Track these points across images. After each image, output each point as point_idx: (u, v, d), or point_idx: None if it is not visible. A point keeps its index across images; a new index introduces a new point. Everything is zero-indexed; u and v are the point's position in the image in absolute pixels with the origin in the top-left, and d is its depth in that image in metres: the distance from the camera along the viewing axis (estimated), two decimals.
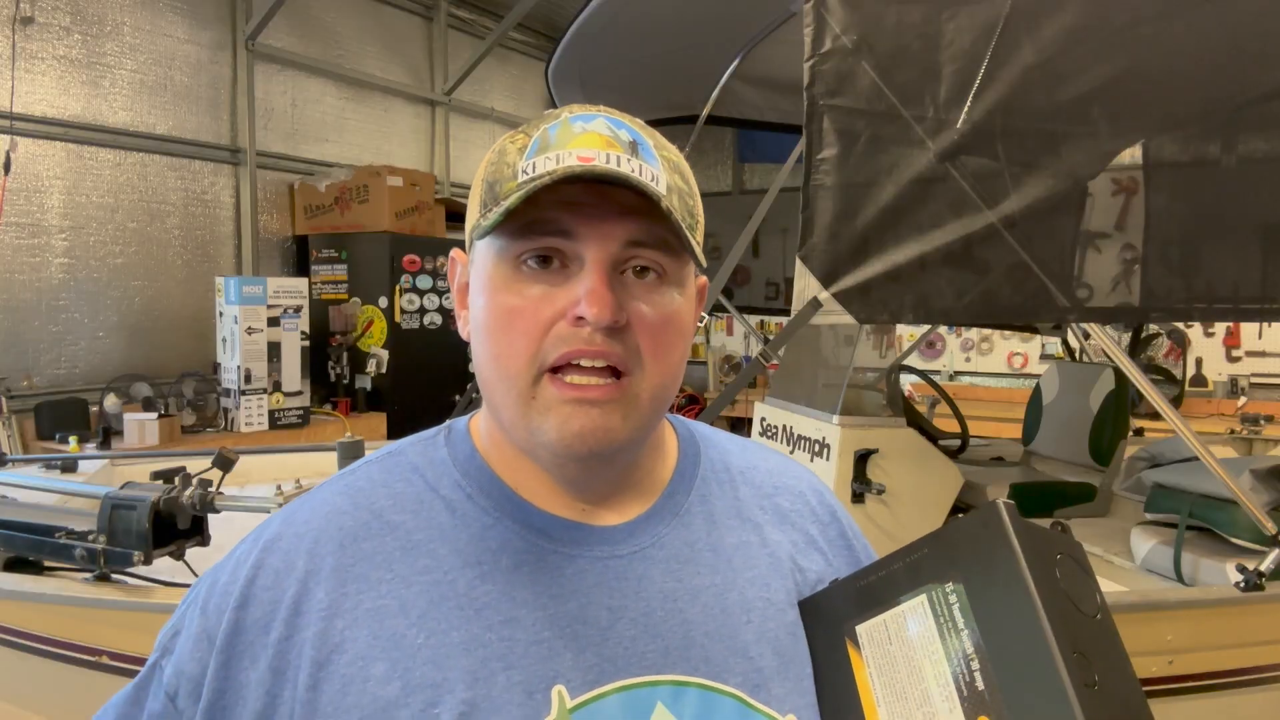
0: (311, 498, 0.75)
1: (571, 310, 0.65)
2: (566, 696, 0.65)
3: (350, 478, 0.76)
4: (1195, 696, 2.10)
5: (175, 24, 5.53)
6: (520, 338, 0.66)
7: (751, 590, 0.74)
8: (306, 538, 0.71)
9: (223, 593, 0.70)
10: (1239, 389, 6.70)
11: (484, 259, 0.69)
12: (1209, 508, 2.53)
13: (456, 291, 0.77)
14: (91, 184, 5.13)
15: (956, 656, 0.62)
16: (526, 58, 8.46)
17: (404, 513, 0.72)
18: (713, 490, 0.79)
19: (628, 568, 0.71)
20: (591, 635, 0.67)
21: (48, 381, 4.94)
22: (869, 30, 1.93)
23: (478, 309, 0.70)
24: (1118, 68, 1.97)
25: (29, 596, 2.01)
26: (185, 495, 2.01)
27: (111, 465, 3.24)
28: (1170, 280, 2.10)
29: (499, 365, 0.68)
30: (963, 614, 0.63)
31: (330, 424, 5.54)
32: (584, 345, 0.64)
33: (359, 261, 6.15)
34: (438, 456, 0.76)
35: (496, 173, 0.68)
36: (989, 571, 0.63)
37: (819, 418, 2.80)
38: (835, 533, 0.83)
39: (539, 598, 0.68)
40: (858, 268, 1.94)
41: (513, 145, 0.69)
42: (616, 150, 0.65)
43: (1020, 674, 0.59)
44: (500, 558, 0.69)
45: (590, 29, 3.24)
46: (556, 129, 0.67)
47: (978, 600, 0.63)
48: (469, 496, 0.72)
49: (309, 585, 0.68)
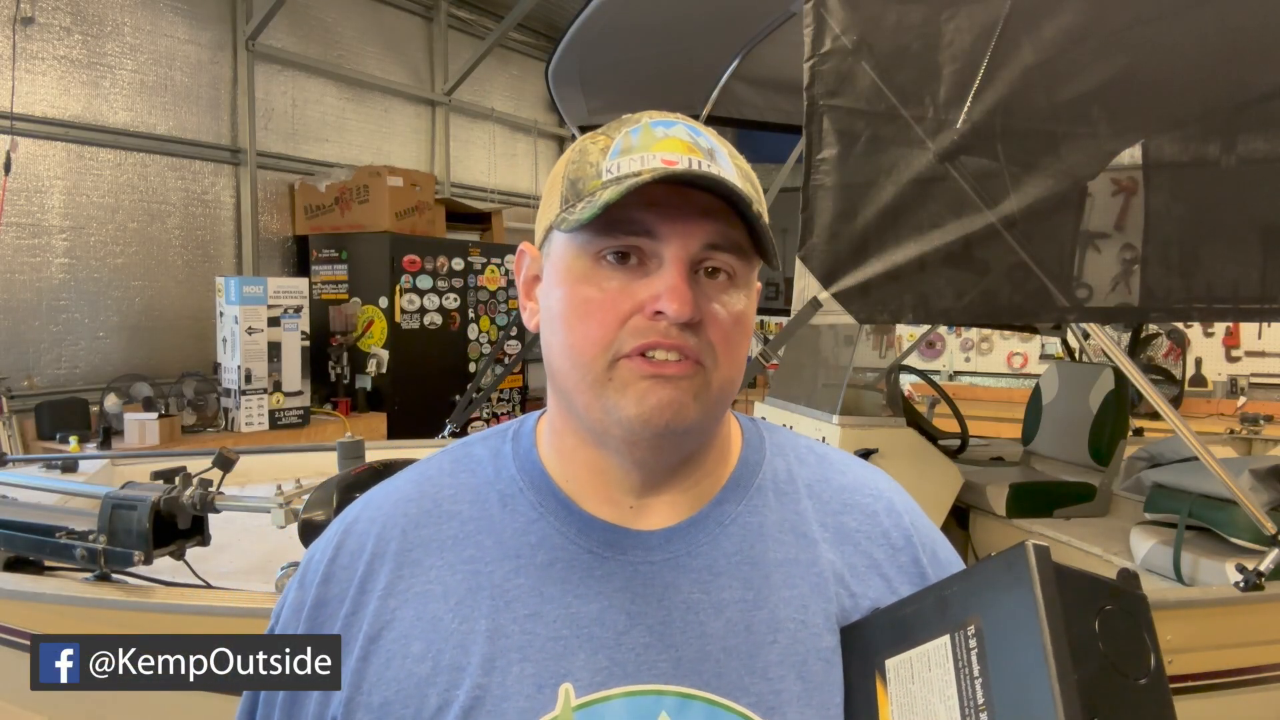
0: (389, 484, 0.80)
1: (650, 305, 0.67)
2: (572, 694, 0.66)
3: (423, 467, 0.80)
4: (1195, 696, 2.10)
5: (175, 24, 5.53)
6: (597, 327, 0.68)
7: (785, 610, 0.72)
8: (377, 522, 0.76)
9: (314, 569, 0.76)
10: (1238, 389, 6.70)
11: (563, 252, 0.71)
12: (1208, 508, 2.53)
13: (523, 283, 0.78)
14: (92, 184, 5.13)
15: (969, 705, 0.60)
16: (526, 58, 8.46)
17: (462, 503, 0.76)
18: (769, 501, 0.77)
19: (656, 574, 0.71)
20: (606, 638, 0.68)
21: (48, 381, 4.94)
22: (869, 30, 1.93)
23: (553, 300, 0.71)
24: (1117, 68, 1.97)
25: (29, 596, 2.01)
26: (186, 495, 2.01)
27: (112, 465, 3.24)
28: (1170, 280, 2.10)
29: (573, 352, 0.69)
30: (979, 660, 0.60)
31: (330, 424, 5.54)
32: (660, 338, 0.67)
33: (359, 261, 6.15)
34: (503, 450, 0.79)
35: (579, 171, 0.71)
36: (1009, 620, 0.59)
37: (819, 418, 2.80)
38: (908, 558, 0.78)
39: (565, 595, 0.70)
40: (858, 268, 1.94)
41: (594, 146, 0.71)
42: (698, 155, 0.69)
43: None
44: (537, 553, 0.72)
45: (590, 29, 3.24)
46: (639, 133, 0.70)
47: (995, 648, 0.59)
48: (520, 491, 0.75)
49: (374, 567, 0.73)
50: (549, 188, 0.75)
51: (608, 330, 0.67)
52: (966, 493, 3.37)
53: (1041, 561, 0.58)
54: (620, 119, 0.74)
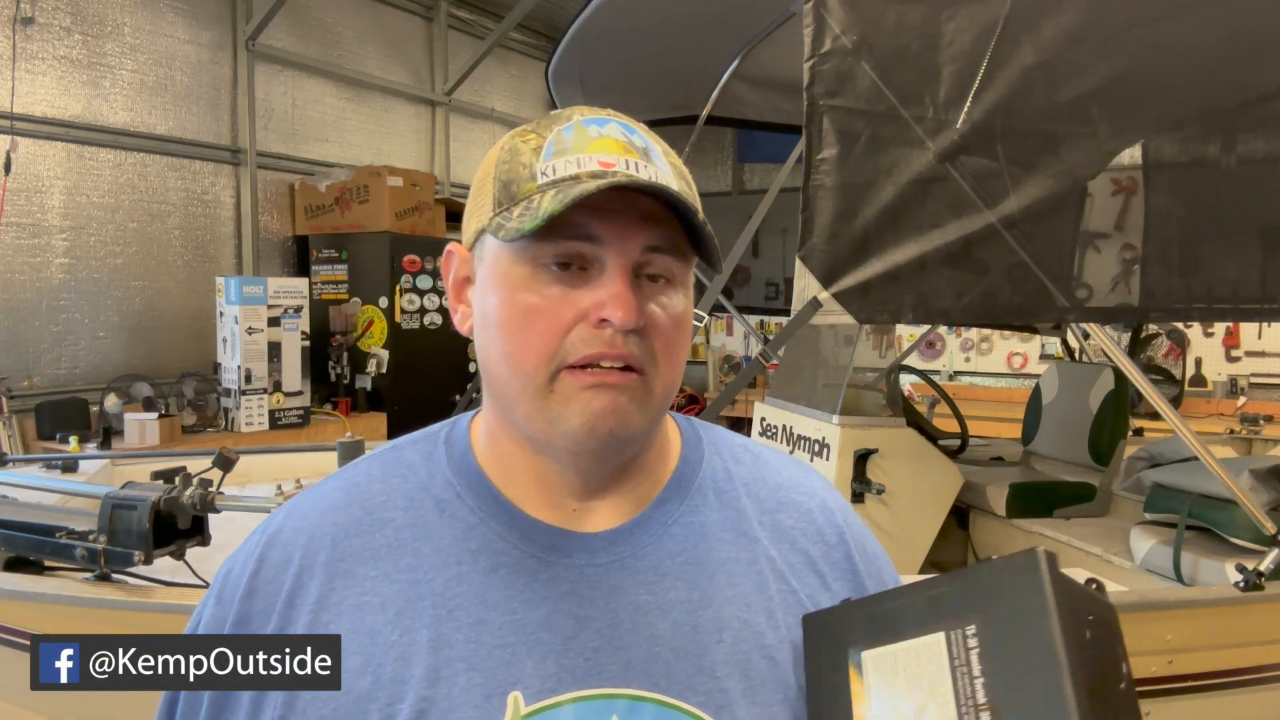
0: (313, 492, 0.77)
1: (595, 312, 0.66)
2: (521, 703, 0.65)
3: (350, 473, 0.77)
4: (1195, 696, 2.10)
5: (175, 24, 5.53)
6: (538, 337, 0.66)
7: (729, 609, 0.72)
8: (303, 532, 0.73)
9: (234, 583, 0.73)
10: (1238, 389, 6.70)
11: (499, 257, 0.69)
12: (1208, 508, 2.53)
13: (453, 286, 0.76)
14: (92, 184, 5.13)
15: (966, 703, 0.60)
16: (526, 58, 8.46)
17: (395, 509, 0.73)
18: (710, 501, 0.77)
19: (602, 577, 0.70)
20: (554, 643, 0.67)
21: (48, 381, 4.94)
22: (869, 30, 1.93)
23: (490, 306, 0.70)
24: (1118, 68, 1.97)
25: (29, 596, 2.02)
26: (186, 495, 2.01)
27: (112, 465, 3.24)
28: (1169, 280, 2.10)
29: (512, 361, 0.68)
30: (980, 660, 0.60)
31: (330, 424, 5.54)
32: (607, 347, 0.66)
33: (359, 261, 6.15)
34: (436, 454, 0.76)
35: (511, 172, 0.68)
36: (1017, 623, 0.59)
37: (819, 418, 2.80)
38: (840, 555, 0.79)
39: (510, 601, 0.68)
40: (858, 268, 1.94)
41: (525, 145, 0.69)
42: (634, 156, 0.67)
43: None
44: (479, 559, 0.70)
45: (590, 29, 3.25)
46: (571, 131, 0.68)
47: (999, 650, 0.60)
48: (458, 495, 0.73)
49: (302, 579, 0.70)
50: (477, 187, 0.72)
51: (550, 339, 0.66)
52: (966, 493, 3.37)
53: (1053, 568, 0.59)
54: (550, 115, 0.71)
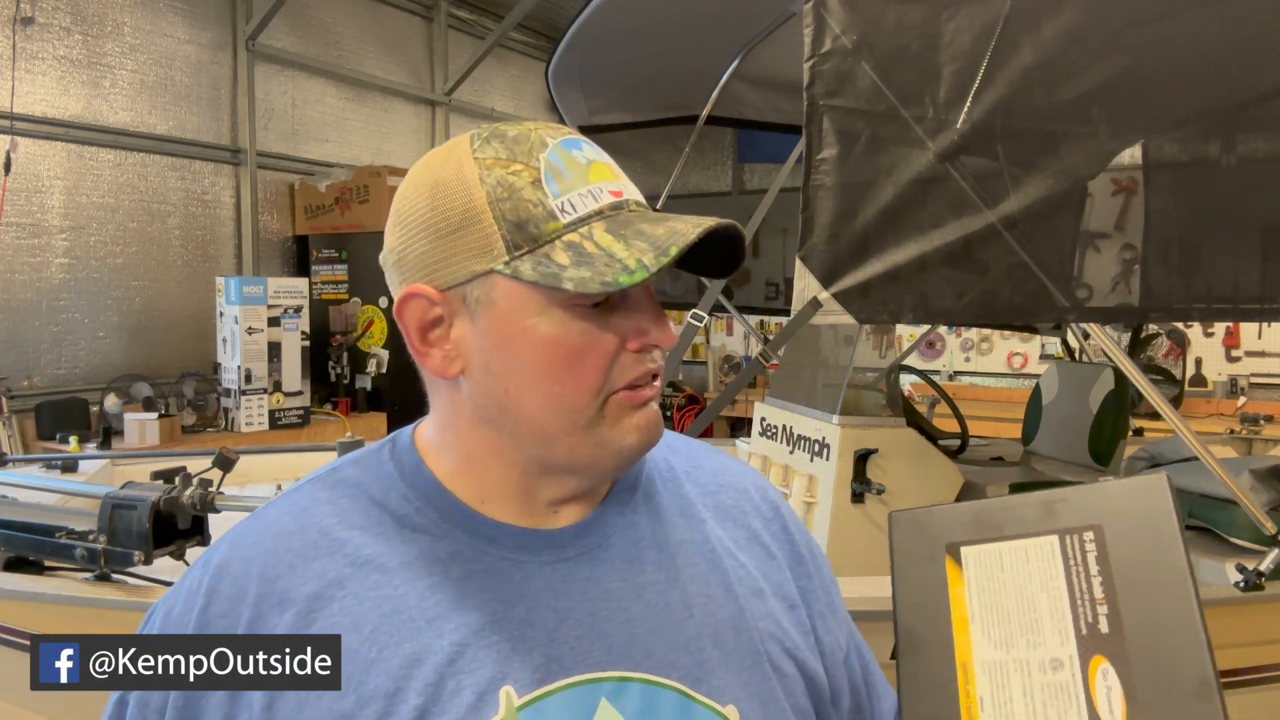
0: (256, 519, 0.74)
1: (636, 339, 0.69)
2: (514, 696, 0.67)
3: (294, 497, 0.75)
4: None
5: (175, 24, 5.54)
6: (591, 373, 0.68)
7: (693, 586, 0.75)
8: (256, 561, 0.70)
9: (178, 623, 0.70)
10: (1238, 389, 6.70)
11: (524, 300, 0.67)
12: (1209, 508, 2.53)
13: (419, 329, 0.71)
14: (92, 184, 5.13)
15: (1082, 597, 0.65)
16: (526, 58, 8.46)
17: (352, 529, 0.71)
18: (658, 489, 0.81)
19: (575, 570, 0.73)
20: (538, 637, 0.69)
21: (48, 381, 4.94)
22: (869, 30, 1.93)
23: (515, 351, 0.68)
24: (1118, 68, 1.97)
25: (29, 596, 2.02)
26: (186, 495, 2.01)
27: (112, 465, 3.24)
28: (1170, 280, 2.09)
29: (561, 402, 0.68)
30: (1099, 563, 0.65)
31: (330, 424, 5.55)
32: (651, 366, 0.70)
33: (359, 261, 6.15)
34: (383, 471, 0.75)
35: (520, 211, 0.66)
36: (1143, 537, 0.65)
37: (819, 418, 2.80)
38: (778, 526, 0.85)
39: (488, 604, 0.69)
40: (858, 268, 1.94)
41: (519, 179, 0.67)
42: (622, 180, 0.70)
43: (1159, 635, 0.62)
44: (450, 568, 0.70)
45: (590, 29, 3.24)
46: (557, 157, 0.68)
47: (1122, 557, 0.65)
48: (417, 510, 0.73)
49: (261, 610, 0.68)
50: (464, 222, 0.67)
51: (600, 373, 0.68)
52: (966, 493, 3.36)
53: (1173, 492, 0.67)
54: (510, 137, 0.69)
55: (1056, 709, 0.63)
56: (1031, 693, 0.64)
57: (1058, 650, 0.64)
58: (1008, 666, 0.66)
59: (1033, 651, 0.65)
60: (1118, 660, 0.62)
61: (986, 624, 0.68)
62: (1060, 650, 0.64)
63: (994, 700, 0.66)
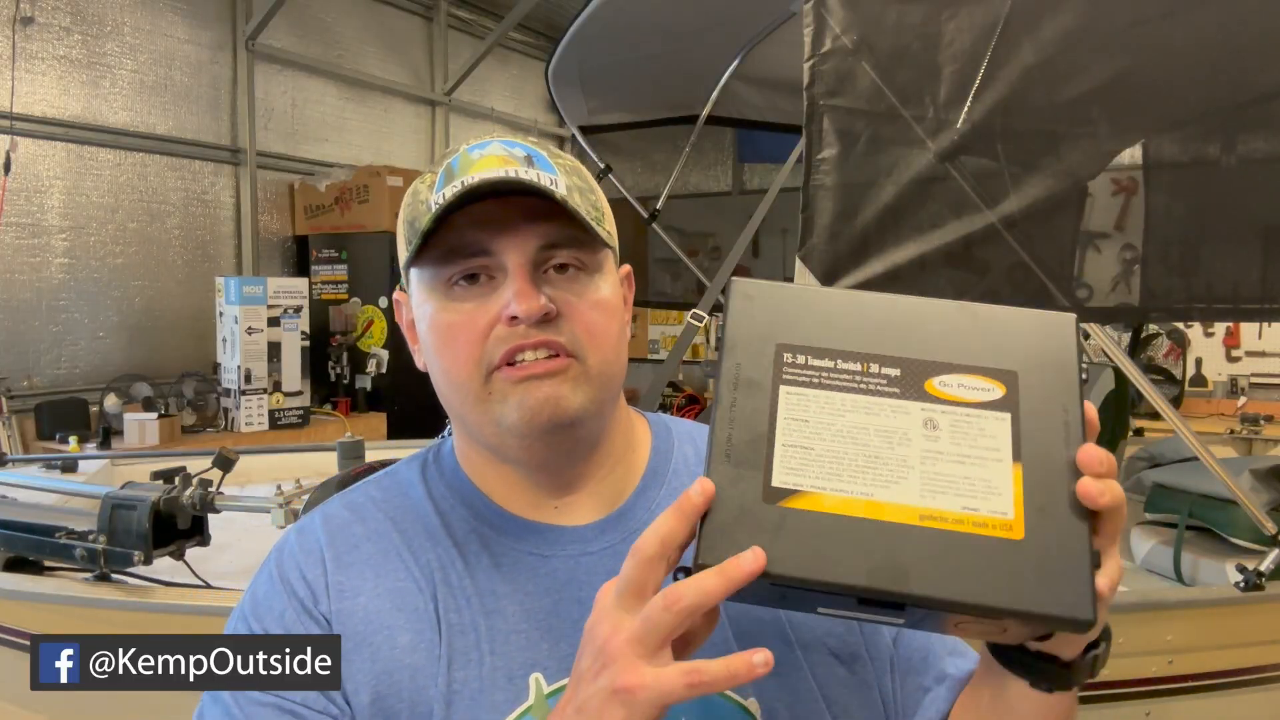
0: (318, 512, 0.81)
1: (504, 312, 0.70)
2: (543, 683, 0.70)
3: (350, 495, 0.82)
4: (1195, 696, 2.10)
5: (175, 24, 5.53)
6: (464, 347, 0.72)
7: None
8: (315, 546, 0.77)
9: (266, 605, 0.75)
10: (1239, 389, 6.70)
11: (420, 290, 0.76)
12: (1209, 508, 2.53)
13: (406, 329, 0.82)
14: (91, 184, 5.13)
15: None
16: (526, 58, 8.46)
17: (399, 522, 0.78)
18: (686, 483, 0.81)
19: (599, 564, 0.75)
20: (565, 628, 0.72)
21: (48, 381, 4.94)
22: (869, 30, 1.93)
23: (423, 334, 0.76)
24: (1118, 68, 1.97)
25: (29, 596, 2.02)
26: (185, 495, 2.01)
27: (111, 465, 3.24)
28: (1170, 280, 2.10)
29: (450, 376, 0.73)
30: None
31: (330, 424, 5.54)
32: (522, 340, 0.70)
33: (359, 261, 6.15)
34: (429, 473, 0.82)
35: (413, 211, 0.75)
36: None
37: None
38: None
39: (516, 594, 0.74)
40: (858, 268, 1.94)
41: (423, 185, 0.76)
42: (513, 165, 0.72)
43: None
44: (481, 558, 0.75)
45: (590, 29, 3.24)
46: (458, 160, 0.74)
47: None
48: (453, 508, 0.79)
49: (315, 592, 0.74)
50: (398, 234, 0.79)
51: (474, 346, 0.71)
52: None
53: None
54: (443, 153, 0.78)
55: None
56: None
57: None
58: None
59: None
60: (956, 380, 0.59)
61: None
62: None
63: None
